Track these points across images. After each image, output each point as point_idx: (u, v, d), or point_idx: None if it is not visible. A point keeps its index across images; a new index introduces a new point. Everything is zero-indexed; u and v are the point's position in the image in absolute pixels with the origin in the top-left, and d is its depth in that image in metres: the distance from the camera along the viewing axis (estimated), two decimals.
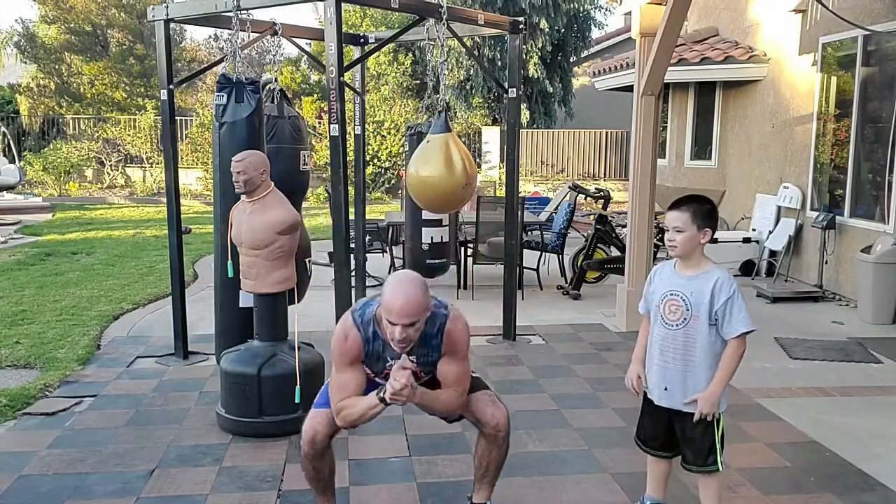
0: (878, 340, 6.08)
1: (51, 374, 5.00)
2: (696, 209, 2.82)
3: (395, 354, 2.81)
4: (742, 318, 2.80)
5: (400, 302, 2.64)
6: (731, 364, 2.85)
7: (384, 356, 2.86)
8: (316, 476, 3.07)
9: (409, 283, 2.70)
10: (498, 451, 3.08)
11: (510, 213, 5.98)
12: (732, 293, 2.79)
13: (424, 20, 5.22)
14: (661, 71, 6.04)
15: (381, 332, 2.82)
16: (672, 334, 2.88)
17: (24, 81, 21.16)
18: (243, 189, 4.01)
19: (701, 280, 2.83)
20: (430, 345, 2.86)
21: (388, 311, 2.66)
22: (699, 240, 2.83)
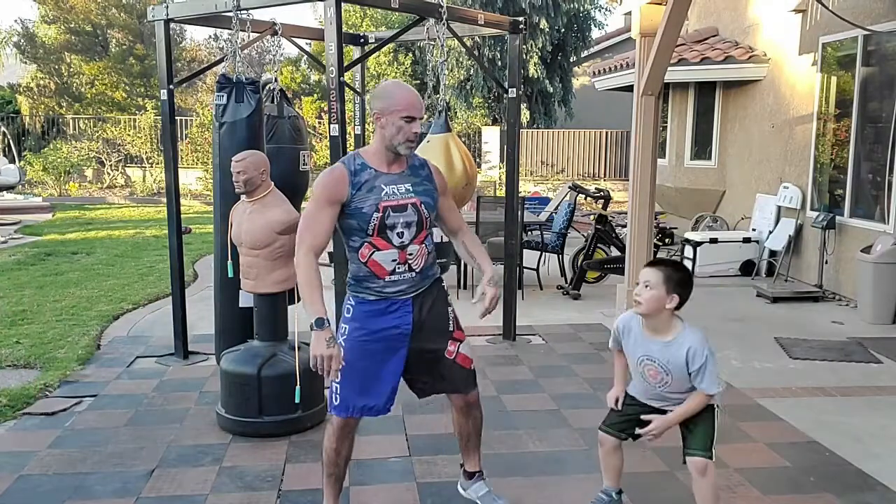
0: (878, 340, 6.08)
1: (51, 374, 5.00)
2: (671, 274, 2.84)
3: (391, 181, 2.86)
4: (711, 381, 2.83)
5: (414, 95, 2.85)
6: (693, 407, 2.89)
7: (377, 185, 2.83)
8: (336, 459, 3.05)
9: (402, 83, 2.95)
10: (473, 420, 3.20)
11: (510, 213, 5.98)
12: (704, 361, 2.81)
13: (424, 20, 5.22)
14: (661, 71, 6.04)
15: (367, 161, 2.87)
16: (654, 388, 2.97)
17: (24, 81, 21.16)
18: (243, 189, 4.02)
19: (674, 348, 2.85)
20: (420, 175, 2.98)
21: (410, 105, 2.81)
22: (665, 303, 2.82)
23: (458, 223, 3.17)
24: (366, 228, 2.81)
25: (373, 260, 2.85)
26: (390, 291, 2.90)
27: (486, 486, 3.30)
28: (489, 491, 3.29)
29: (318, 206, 2.79)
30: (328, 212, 2.80)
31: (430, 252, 3.00)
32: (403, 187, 2.87)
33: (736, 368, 5.35)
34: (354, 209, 2.80)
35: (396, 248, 2.85)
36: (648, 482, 3.54)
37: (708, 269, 8.79)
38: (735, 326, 6.54)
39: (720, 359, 5.52)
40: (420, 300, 2.96)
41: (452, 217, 3.15)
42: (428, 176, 3.00)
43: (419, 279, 2.95)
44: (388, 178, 2.85)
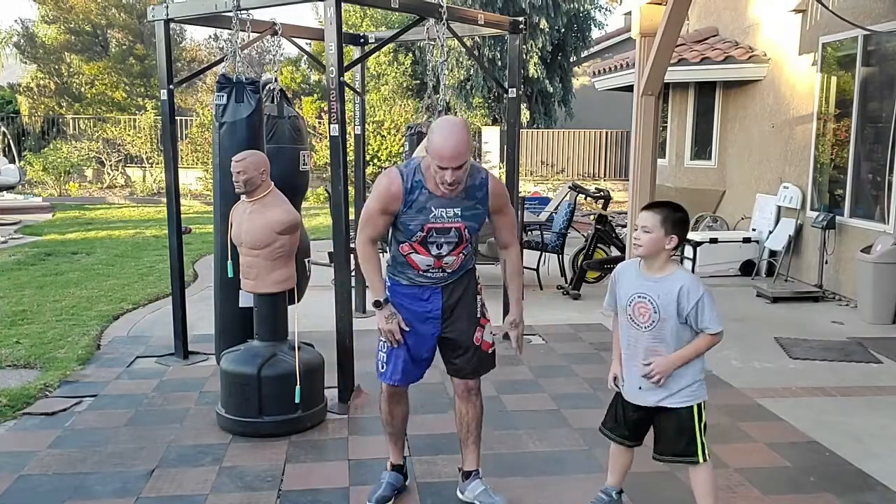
0: (878, 340, 6.08)
1: (51, 374, 5.00)
2: (668, 214, 2.84)
3: (441, 204, 2.95)
4: (712, 317, 2.82)
5: (451, 145, 2.77)
6: (698, 348, 2.88)
7: (427, 207, 2.95)
8: (391, 420, 3.35)
9: (454, 125, 2.84)
10: (472, 408, 3.26)
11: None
12: (701, 296, 2.81)
13: (424, 20, 5.22)
14: (661, 71, 6.04)
15: (424, 181, 2.93)
16: (642, 335, 2.91)
17: (24, 81, 21.15)
18: (243, 189, 4.01)
19: (668, 283, 2.84)
20: (475, 197, 3.00)
21: (440, 156, 2.79)
22: (664, 244, 2.83)
23: (507, 240, 3.21)
24: (409, 238, 3.03)
25: (411, 257, 3.07)
26: (422, 281, 3.12)
27: (482, 485, 3.32)
28: (486, 489, 3.30)
29: (375, 211, 3.02)
30: (384, 218, 3.03)
31: (467, 255, 3.12)
32: (452, 211, 2.98)
33: (736, 368, 5.35)
34: (402, 222, 3.01)
35: (434, 257, 3.05)
36: (648, 482, 3.54)
37: (708, 269, 8.79)
38: (735, 326, 6.54)
39: (720, 359, 5.55)
40: (451, 287, 3.16)
41: (504, 234, 3.21)
42: (483, 198, 3.02)
43: (451, 275, 3.14)
44: (439, 201, 2.96)
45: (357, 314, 5.91)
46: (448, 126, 2.84)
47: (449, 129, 2.82)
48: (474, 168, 3.01)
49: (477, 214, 3.03)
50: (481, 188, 3.01)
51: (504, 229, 3.18)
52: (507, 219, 3.16)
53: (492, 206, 3.06)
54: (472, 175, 2.98)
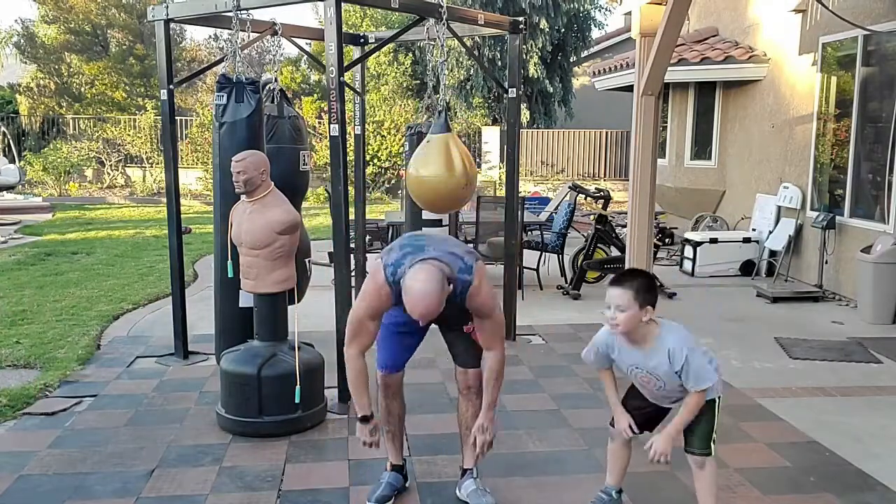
0: (878, 340, 6.08)
1: (51, 374, 5.00)
2: (639, 286, 2.80)
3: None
4: (698, 377, 2.81)
5: (420, 308, 2.77)
6: (692, 409, 2.87)
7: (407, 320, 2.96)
8: (388, 418, 3.37)
9: (424, 290, 2.76)
10: (473, 407, 3.24)
11: (510, 213, 5.98)
12: (685, 359, 2.80)
13: (424, 20, 5.21)
14: (661, 71, 6.03)
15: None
16: (653, 391, 2.98)
17: (24, 81, 21.15)
18: (243, 189, 4.01)
19: (656, 354, 2.85)
20: (454, 302, 2.94)
21: (410, 311, 2.80)
22: (641, 318, 2.81)
23: (488, 344, 3.07)
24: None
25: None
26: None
27: (474, 484, 3.33)
28: (476, 489, 3.32)
29: (364, 317, 2.99)
30: (374, 323, 3.01)
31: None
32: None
33: (736, 368, 5.35)
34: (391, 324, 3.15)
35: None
36: (648, 482, 3.54)
37: (708, 269, 8.79)
38: (735, 326, 6.54)
39: (720, 358, 5.53)
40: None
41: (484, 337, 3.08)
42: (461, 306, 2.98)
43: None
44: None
45: None
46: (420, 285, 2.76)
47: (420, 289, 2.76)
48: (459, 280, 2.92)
49: (460, 316, 3.06)
50: (458, 296, 2.94)
51: (484, 332, 3.05)
52: (488, 324, 3.03)
53: (469, 307, 3.00)
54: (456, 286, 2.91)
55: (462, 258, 2.98)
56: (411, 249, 2.94)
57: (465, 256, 3.00)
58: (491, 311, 3.02)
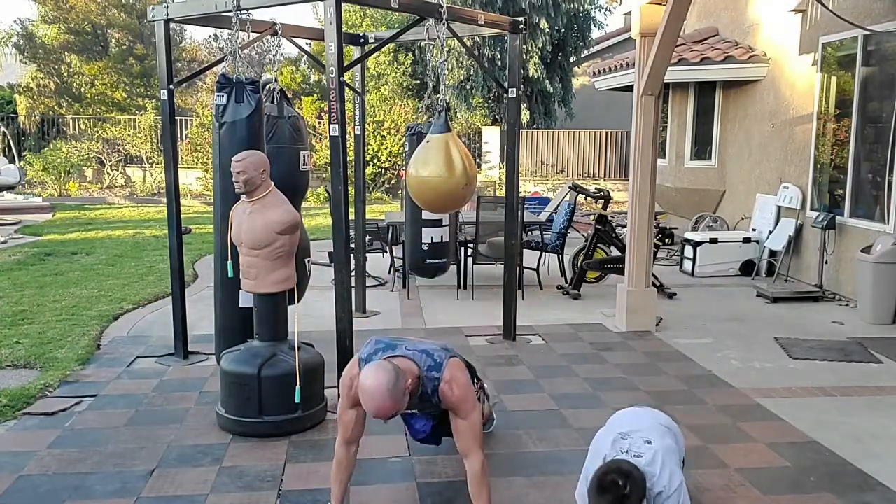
0: (878, 340, 6.08)
1: (51, 374, 5.00)
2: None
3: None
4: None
5: (371, 405, 2.73)
6: None
7: None
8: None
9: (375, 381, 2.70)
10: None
11: (510, 213, 5.98)
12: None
13: (424, 20, 5.21)
14: (661, 71, 6.04)
15: None
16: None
17: (24, 81, 21.15)
18: (243, 189, 4.01)
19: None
20: (430, 402, 3.01)
21: (366, 408, 2.77)
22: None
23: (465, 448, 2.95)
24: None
25: None
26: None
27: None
28: None
29: (344, 408, 3.06)
30: (354, 412, 3.04)
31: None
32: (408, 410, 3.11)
33: (736, 368, 5.35)
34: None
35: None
36: None
37: (708, 269, 8.79)
38: (735, 326, 6.54)
39: (720, 359, 5.55)
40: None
41: (461, 441, 2.96)
42: (436, 404, 3.01)
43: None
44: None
45: (357, 314, 5.92)
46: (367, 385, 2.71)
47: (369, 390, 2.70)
48: (426, 377, 2.93)
49: (436, 414, 3.13)
50: (433, 395, 2.95)
51: (461, 434, 2.93)
52: (464, 424, 2.91)
53: (446, 406, 2.97)
54: (425, 384, 2.94)
55: (432, 355, 2.96)
56: (384, 346, 3.01)
57: (437, 353, 2.98)
58: (467, 412, 2.92)
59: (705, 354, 5.68)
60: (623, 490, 2.52)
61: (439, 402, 2.96)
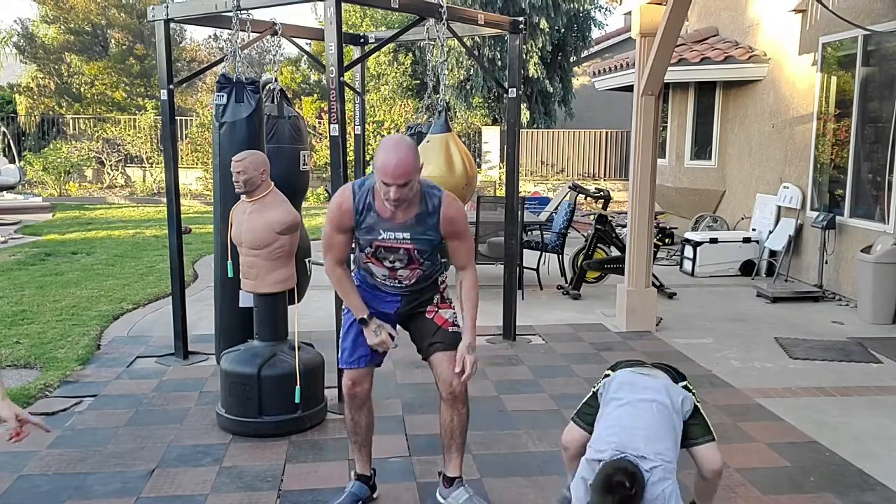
0: (878, 340, 6.08)
1: (51, 374, 5.00)
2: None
3: (389, 228, 2.98)
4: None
5: (393, 163, 2.77)
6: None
7: (377, 229, 3.00)
8: (354, 429, 3.31)
9: (399, 144, 2.84)
10: (458, 415, 3.21)
11: (510, 213, 5.98)
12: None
13: (424, 20, 5.22)
14: (661, 71, 6.04)
15: (374, 204, 2.98)
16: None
17: (24, 81, 21.15)
18: (243, 189, 4.01)
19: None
20: (427, 223, 3.00)
21: (383, 172, 2.79)
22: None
23: (461, 263, 3.15)
24: (363, 250, 3.11)
25: (368, 266, 3.15)
26: (381, 286, 3.20)
27: (466, 493, 3.25)
28: (470, 496, 3.24)
29: (330, 232, 3.09)
30: (340, 236, 3.08)
31: (427, 270, 3.13)
32: (402, 235, 3.00)
33: (736, 368, 5.35)
34: (356, 237, 3.10)
35: (387, 268, 3.10)
36: None
37: (708, 269, 8.79)
38: (735, 326, 6.54)
39: (720, 359, 5.55)
40: (410, 296, 3.21)
41: (458, 258, 3.15)
42: (434, 225, 3.01)
43: (411, 287, 3.18)
44: (387, 224, 3.00)
45: None
46: (393, 144, 2.82)
47: (394, 147, 2.81)
48: (428, 193, 2.99)
49: (428, 240, 3.03)
50: (433, 214, 2.99)
51: (458, 253, 3.13)
52: (461, 244, 3.11)
53: (444, 232, 3.03)
54: (425, 200, 2.98)
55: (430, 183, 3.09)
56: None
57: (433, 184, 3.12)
58: (466, 228, 3.13)
59: (705, 354, 5.68)
60: (629, 491, 2.51)
61: (437, 224, 2.99)
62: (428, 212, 2.99)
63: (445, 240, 3.06)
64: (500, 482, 3.54)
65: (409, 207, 2.96)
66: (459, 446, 3.26)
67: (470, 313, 3.10)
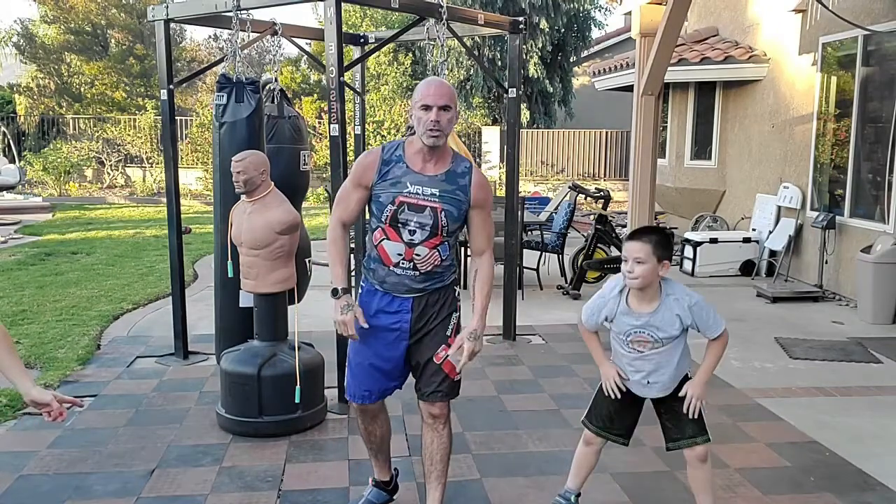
0: (878, 340, 6.08)
1: (51, 374, 5.00)
2: (657, 240, 2.82)
3: (418, 181, 2.83)
4: (712, 322, 2.86)
5: (434, 85, 2.78)
6: (715, 357, 2.92)
7: (403, 181, 2.84)
8: (368, 438, 3.21)
9: (436, 78, 2.88)
10: (437, 437, 3.03)
11: (510, 213, 5.98)
12: (693, 307, 2.84)
13: (424, 20, 5.22)
14: (661, 71, 6.04)
15: (404, 156, 2.87)
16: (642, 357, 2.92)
17: (24, 81, 21.14)
18: (243, 189, 4.01)
19: (662, 313, 2.85)
20: (457, 182, 2.87)
21: (424, 95, 2.76)
22: (658, 272, 2.83)
23: (481, 246, 2.98)
24: (380, 216, 2.87)
25: (381, 246, 2.90)
26: (390, 284, 2.92)
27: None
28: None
29: (350, 186, 2.94)
30: (357, 193, 2.93)
31: (444, 260, 2.93)
32: (430, 190, 2.83)
33: (736, 368, 5.35)
34: (374, 196, 2.89)
35: (405, 243, 2.86)
36: (648, 482, 3.54)
37: (708, 269, 8.79)
38: (735, 326, 6.53)
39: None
40: (423, 301, 2.94)
41: (478, 239, 2.97)
42: (464, 186, 2.87)
43: (422, 280, 2.91)
44: (417, 177, 2.84)
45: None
46: (431, 78, 2.87)
47: (432, 79, 2.86)
48: (459, 157, 2.94)
49: (457, 200, 2.85)
50: (464, 176, 2.88)
51: (480, 232, 2.95)
52: (485, 221, 2.96)
53: (473, 199, 2.88)
54: (457, 162, 2.90)
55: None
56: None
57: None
58: (490, 204, 2.99)
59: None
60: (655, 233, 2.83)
61: (467, 187, 2.87)
62: (459, 172, 2.88)
63: (471, 210, 2.89)
64: (500, 482, 3.54)
65: (441, 160, 2.86)
66: (440, 475, 3.06)
67: (481, 300, 2.95)
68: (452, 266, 3.01)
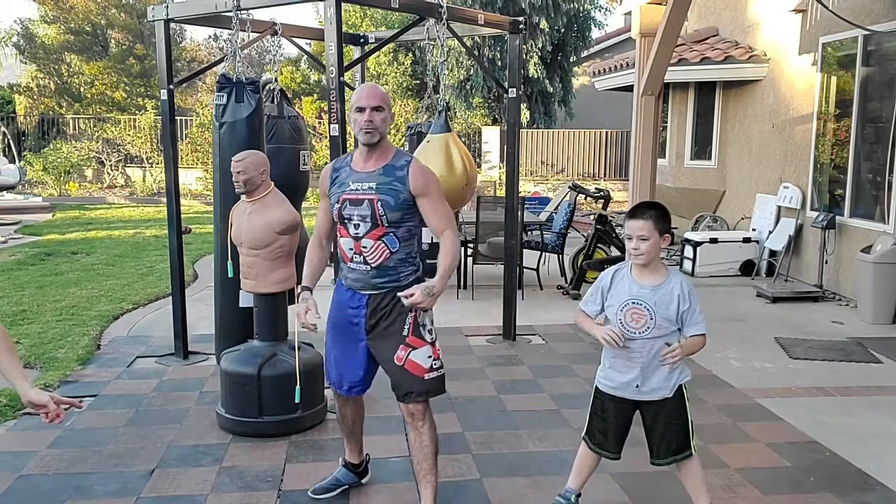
0: (878, 340, 6.08)
1: (51, 374, 5.00)
2: (657, 215, 2.90)
3: (358, 178, 3.03)
4: (700, 321, 2.94)
5: (366, 89, 3.01)
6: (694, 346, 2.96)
7: (346, 181, 3.07)
8: (342, 420, 3.38)
9: (369, 83, 3.14)
10: (418, 435, 3.09)
11: (510, 213, 5.98)
12: (691, 296, 2.93)
13: (424, 20, 5.22)
14: (661, 71, 6.04)
15: (351, 161, 3.12)
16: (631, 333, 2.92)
17: (24, 81, 21.15)
18: (243, 189, 4.01)
19: (665, 289, 2.90)
20: (395, 175, 3.01)
21: (357, 99, 2.99)
22: (660, 245, 2.91)
23: (440, 226, 3.04)
24: (334, 216, 3.13)
25: (339, 244, 3.15)
26: (351, 279, 3.13)
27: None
28: None
29: (321, 197, 3.23)
30: (323, 203, 3.20)
31: (395, 253, 3.03)
32: (367, 184, 3.02)
33: (736, 368, 5.35)
34: (331, 201, 3.14)
35: (352, 237, 3.06)
36: (649, 482, 3.54)
37: (708, 269, 8.79)
38: (735, 326, 6.54)
39: (720, 358, 5.55)
40: (377, 300, 3.08)
41: (433, 220, 3.05)
42: (402, 177, 3.00)
43: (375, 275, 3.05)
44: (358, 175, 3.06)
45: None
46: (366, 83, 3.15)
47: (367, 84, 3.15)
48: (401, 152, 3.09)
49: (394, 190, 2.97)
50: (403, 168, 3.02)
51: (432, 215, 3.03)
52: (435, 205, 3.03)
53: (412, 186, 2.97)
54: (397, 157, 3.06)
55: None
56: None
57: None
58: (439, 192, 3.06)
59: (705, 354, 5.67)
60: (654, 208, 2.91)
61: (405, 178, 2.99)
62: (398, 165, 3.03)
63: (418, 199, 3.00)
64: (500, 482, 3.54)
65: (381, 157, 3.04)
66: (426, 473, 3.10)
67: (444, 265, 2.99)
68: (410, 265, 3.09)
